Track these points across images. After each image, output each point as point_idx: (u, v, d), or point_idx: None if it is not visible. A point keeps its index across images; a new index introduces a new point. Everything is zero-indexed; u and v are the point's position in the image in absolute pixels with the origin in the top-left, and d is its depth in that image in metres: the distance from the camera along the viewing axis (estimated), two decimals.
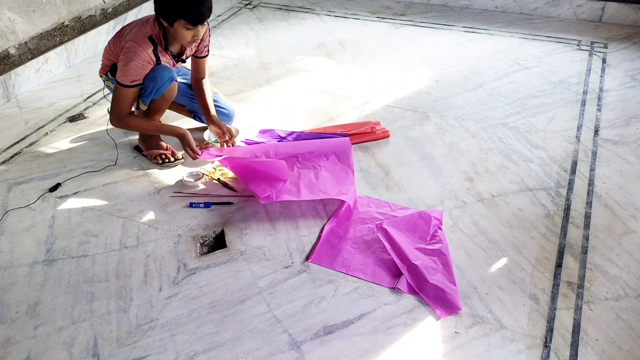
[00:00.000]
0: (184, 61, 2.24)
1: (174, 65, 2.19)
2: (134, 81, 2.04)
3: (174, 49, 2.13)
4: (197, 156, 2.14)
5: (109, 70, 2.22)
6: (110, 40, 2.18)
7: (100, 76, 2.28)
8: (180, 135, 2.16)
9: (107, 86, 2.30)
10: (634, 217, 1.96)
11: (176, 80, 2.17)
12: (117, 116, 2.13)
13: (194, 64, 2.31)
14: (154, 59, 2.05)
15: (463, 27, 3.57)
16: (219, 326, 1.57)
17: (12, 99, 2.80)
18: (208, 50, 2.27)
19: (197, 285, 1.71)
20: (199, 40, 2.07)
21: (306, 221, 1.96)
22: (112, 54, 2.17)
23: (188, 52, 2.21)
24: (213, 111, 2.29)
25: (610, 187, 2.10)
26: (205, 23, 2.00)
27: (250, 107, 2.69)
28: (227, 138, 2.24)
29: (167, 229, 1.94)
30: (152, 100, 2.15)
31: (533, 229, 1.91)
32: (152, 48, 2.02)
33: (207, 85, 2.33)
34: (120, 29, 2.14)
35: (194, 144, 2.15)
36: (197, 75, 2.31)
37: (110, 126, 2.46)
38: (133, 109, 2.21)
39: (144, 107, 2.18)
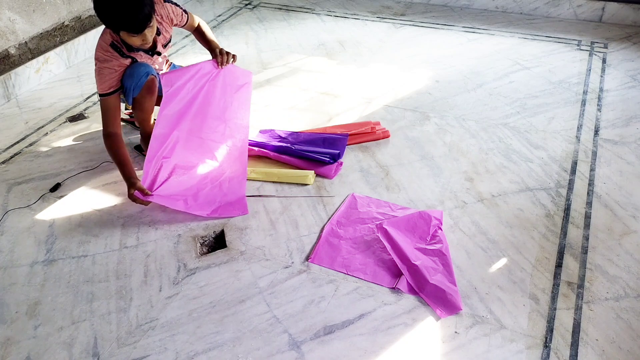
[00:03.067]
0: (159, 53, 2.18)
1: (153, 60, 2.15)
2: (110, 87, 2.02)
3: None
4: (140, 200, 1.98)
5: None
6: None
7: None
8: (129, 183, 1.97)
9: None
10: (634, 217, 1.96)
11: (154, 75, 2.12)
12: (104, 132, 2.07)
13: (188, 29, 2.27)
14: (127, 62, 2.04)
15: (463, 27, 3.57)
16: (219, 326, 1.57)
17: (12, 99, 2.80)
18: (186, 18, 2.19)
19: (197, 285, 1.71)
20: (176, 23, 2.05)
21: (306, 221, 1.96)
22: None
23: (162, 40, 2.15)
24: (214, 42, 2.21)
25: (610, 187, 2.10)
26: (153, 22, 1.90)
27: (250, 107, 2.68)
28: (219, 60, 2.07)
29: (167, 229, 1.94)
30: (134, 99, 2.13)
31: (533, 229, 1.91)
32: (117, 54, 2.01)
33: (204, 26, 2.27)
34: None
35: (134, 196, 1.95)
36: (193, 29, 2.27)
37: None
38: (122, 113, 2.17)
39: (129, 107, 2.17)
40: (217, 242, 1.90)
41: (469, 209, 2.00)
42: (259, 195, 2.08)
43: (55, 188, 2.14)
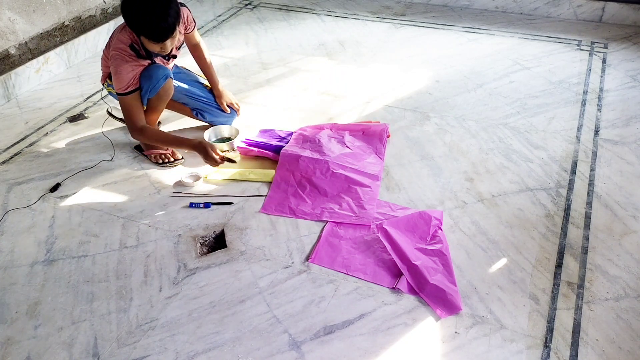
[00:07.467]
0: (175, 57, 2.22)
1: (166, 63, 2.19)
2: (128, 87, 2.04)
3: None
4: (219, 163, 2.06)
5: (108, 77, 2.24)
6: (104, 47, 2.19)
7: (102, 84, 2.31)
8: (198, 146, 2.06)
9: (110, 92, 2.33)
10: (634, 217, 1.96)
11: (171, 78, 2.17)
12: (134, 128, 2.13)
13: (185, 38, 2.31)
14: (145, 62, 2.06)
15: (463, 27, 3.57)
16: (219, 326, 1.57)
17: (13, 99, 2.80)
18: (193, 26, 2.28)
19: (197, 285, 1.71)
20: (176, 39, 2.06)
21: (306, 221, 1.96)
22: (106, 61, 2.19)
23: (177, 43, 2.19)
24: (216, 82, 2.44)
25: (611, 187, 2.10)
26: (175, 33, 1.94)
27: (250, 107, 2.69)
28: (230, 109, 2.43)
29: (167, 229, 1.94)
30: (149, 99, 2.16)
31: (533, 229, 1.91)
32: (135, 55, 2.02)
33: (205, 51, 2.39)
34: (110, 36, 2.14)
35: (213, 153, 2.04)
36: (191, 42, 2.37)
37: (105, 128, 2.48)
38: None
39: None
40: (217, 242, 1.90)
41: (469, 209, 2.00)
42: (258, 196, 2.08)
43: (55, 188, 2.14)
